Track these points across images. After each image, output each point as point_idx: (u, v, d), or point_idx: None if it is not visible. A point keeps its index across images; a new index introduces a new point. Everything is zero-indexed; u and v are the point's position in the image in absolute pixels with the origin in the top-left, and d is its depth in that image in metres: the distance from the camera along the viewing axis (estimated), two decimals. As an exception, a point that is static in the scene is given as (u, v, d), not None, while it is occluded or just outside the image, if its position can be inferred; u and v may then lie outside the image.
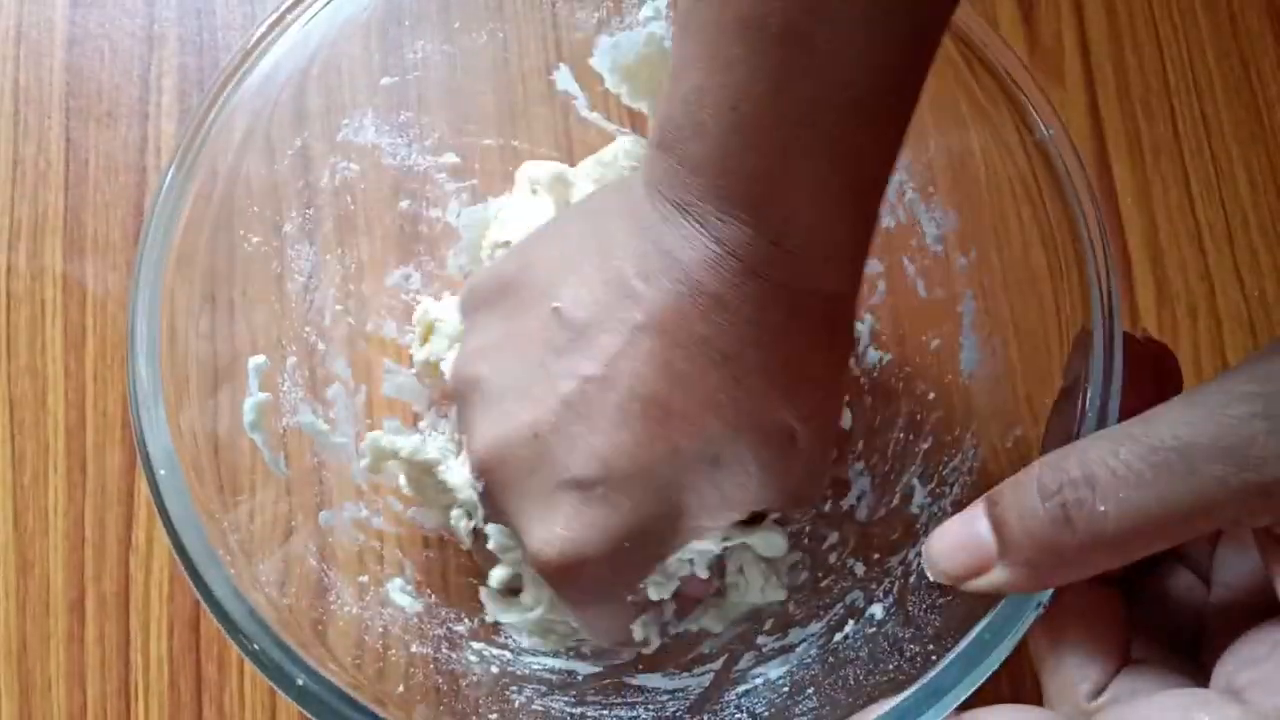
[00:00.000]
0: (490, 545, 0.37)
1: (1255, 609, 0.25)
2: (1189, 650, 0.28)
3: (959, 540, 0.27)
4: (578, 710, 0.36)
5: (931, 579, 0.27)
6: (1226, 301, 0.47)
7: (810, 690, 0.34)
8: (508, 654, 0.38)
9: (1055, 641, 0.27)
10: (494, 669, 0.37)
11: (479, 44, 0.40)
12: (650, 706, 0.36)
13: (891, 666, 0.32)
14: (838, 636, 0.36)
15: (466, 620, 0.38)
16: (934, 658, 0.28)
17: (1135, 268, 0.47)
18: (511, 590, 0.38)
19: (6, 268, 0.45)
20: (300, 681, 0.28)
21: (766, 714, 0.34)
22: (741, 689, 0.36)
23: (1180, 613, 0.28)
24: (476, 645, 0.37)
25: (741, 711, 0.35)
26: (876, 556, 0.38)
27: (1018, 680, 0.40)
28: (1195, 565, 0.29)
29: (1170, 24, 0.50)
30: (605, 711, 0.36)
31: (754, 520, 0.34)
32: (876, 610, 0.36)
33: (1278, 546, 0.24)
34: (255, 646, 0.29)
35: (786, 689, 0.35)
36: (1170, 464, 0.23)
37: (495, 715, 0.35)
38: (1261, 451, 0.23)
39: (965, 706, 0.27)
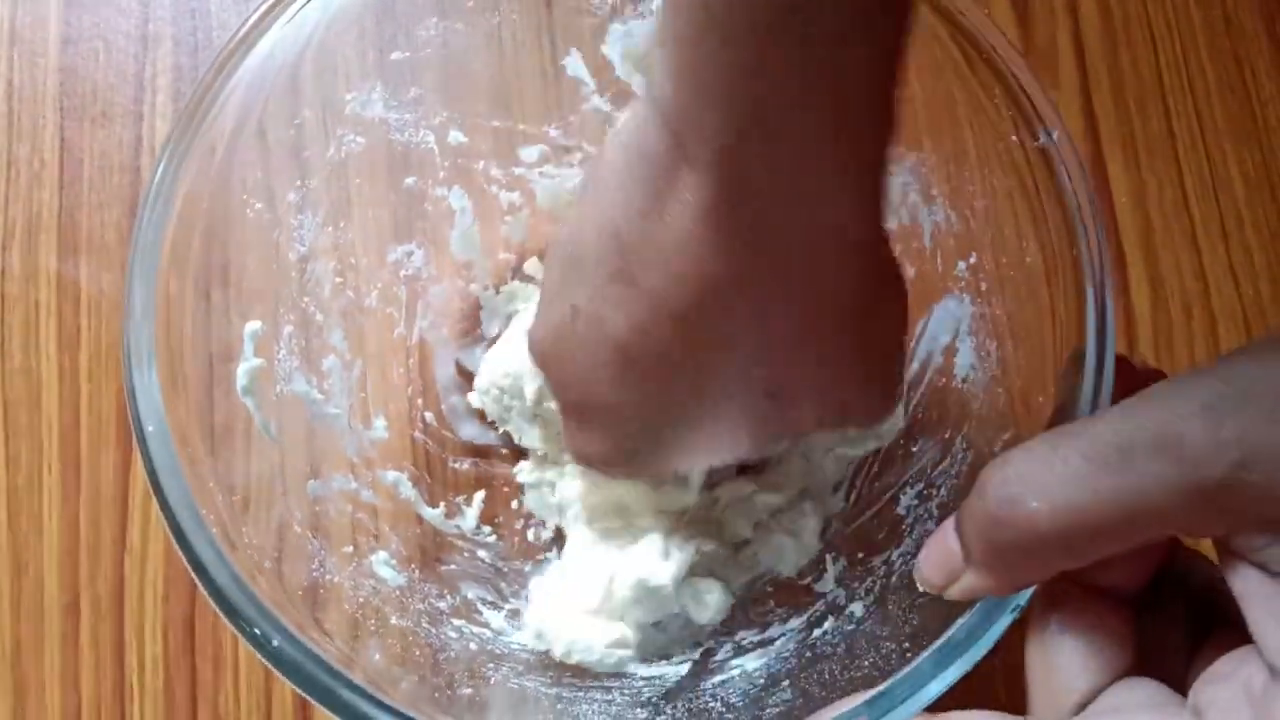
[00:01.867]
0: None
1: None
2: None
3: (936, 549, 0.27)
4: (553, 691, 0.36)
5: (921, 589, 0.28)
6: (1221, 300, 0.47)
7: (786, 683, 0.35)
8: (487, 632, 0.38)
9: (1048, 652, 0.27)
10: (472, 646, 0.37)
11: (492, 25, 0.40)
12: (626, 692, 0.37)
13: (867, 663, 0.33)
14: (816, 632, 0.36)
15: (448, 597, 0.38)
16: (909, 656, 0.29)
17: (1130, 267, 0.47)
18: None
19: (0, 269, 0.45)
20: (275, 643, 0.28)
21: (740, 704, 0.35)
22: (718, 679, 0.37)
23: (1195, 626, 0.28)
24: (456, 622, 0.38)
25: (716, 700, 0.36)
26: (860, 555, 0.38)
27: (1013, 685, 0.40)
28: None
29: (1164, 23, 0.50)
30: (581, 694, 0.36)
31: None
32: (857, 608, 0.36)
33: (1232, 558, 0.24)
34: (232, 604, 0.29)
35: (762, 681, 0.36)
36: (1107, 459, 0.23)
37: (470, 690, 0.35)
38: (1198, 449, 0.22)
39: (939, 708, 0.27)
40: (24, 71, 0.47)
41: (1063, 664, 0.26)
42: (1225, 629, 0.25)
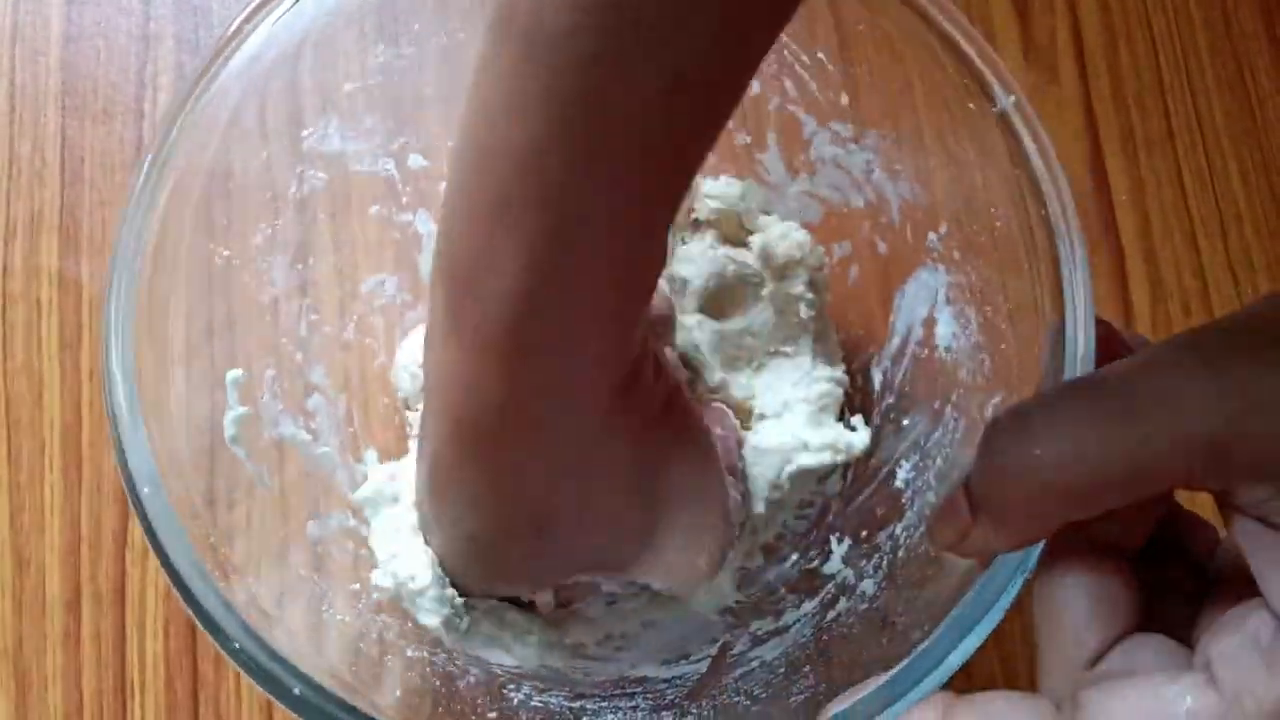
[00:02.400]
0: None
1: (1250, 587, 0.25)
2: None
3: (946, 507, 0.27)
4: (577, 704, 0.36)
5: (934, 551, 0.27)
6: (1220, 298, 0.47)
7: (806, 669, 0.35)
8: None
9: (1056, 607, 0.26)
10: (494, 669, 0.37)
11: (440, 45, 0.40)
12: (649, 696, 0.37)
13: (885, 640, 0.33)
14: (830, 614, 0.36)
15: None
16: (926, 629, 0.29)
17: (1129, 264, 0.47)
18: None
19: (2, 266, 0.45)
20: (297, 691, 0.28)
21: (765, 695, 0.35)
22: (739, 672, 0.36)
23: (1195, 586, 0.28)
24: None
25: (739, 695, 0.35)
26: (864, 533, 0.38)
27: (1009, 660, 0.40)
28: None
29: (1164, 21, 0.50)
30: (605, 704, 0.36)
31: None
32: (868, 586, 0.36)
33: (1235, 513, 0.24)
34: (249, 658, 0.29)
35: (783, 669, 0.36)
36: (1108, 409, 0.23)
37: (494, 714, 0.35)
38: (1199, 397, 0.22)
39: (960, 684, 0.27)
40: (25, 69, 0.47)
41: (1071, 619, 0.26)
42: (1226, 588, 0.26)
